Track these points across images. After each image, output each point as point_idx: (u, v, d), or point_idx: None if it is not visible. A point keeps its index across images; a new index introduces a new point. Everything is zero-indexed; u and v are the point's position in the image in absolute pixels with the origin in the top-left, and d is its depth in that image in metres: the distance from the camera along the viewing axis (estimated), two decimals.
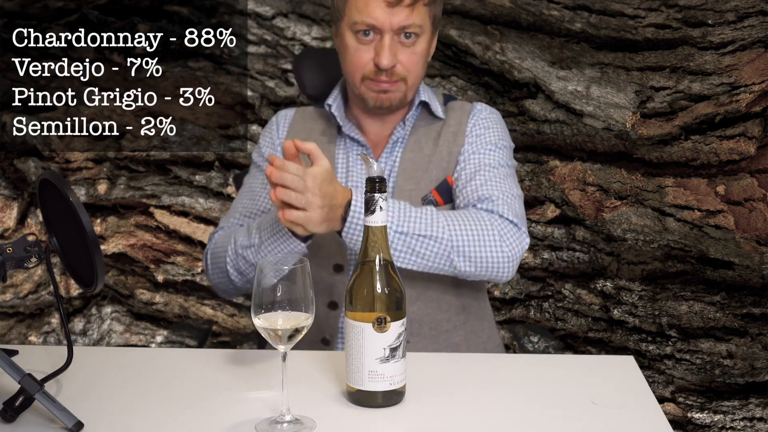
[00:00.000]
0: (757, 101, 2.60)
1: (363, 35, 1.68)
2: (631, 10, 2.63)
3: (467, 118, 1.80)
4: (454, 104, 1.84)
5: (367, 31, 1.67)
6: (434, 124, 1.80)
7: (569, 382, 1.44)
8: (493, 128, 1.80)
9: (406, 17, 1.66)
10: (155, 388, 1.41)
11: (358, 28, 1.68)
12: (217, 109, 2.84)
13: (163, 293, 2.88)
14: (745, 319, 2.66)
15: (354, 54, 1.70)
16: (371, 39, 1.68)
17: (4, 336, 2.91)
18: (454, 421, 1.30)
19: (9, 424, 1.25)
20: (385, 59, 1.66)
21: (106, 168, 2.87)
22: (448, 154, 1.77)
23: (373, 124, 1.80)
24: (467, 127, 1.79)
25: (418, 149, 1.78)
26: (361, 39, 1.68)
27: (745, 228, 2.63)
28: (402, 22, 1.66)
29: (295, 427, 1.25)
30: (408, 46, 1.69)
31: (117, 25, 2.82)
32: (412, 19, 1.66)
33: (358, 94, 1.74)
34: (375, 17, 1.65)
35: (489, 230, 1.62)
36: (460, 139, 1.78)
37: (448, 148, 1.78)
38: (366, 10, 1.66)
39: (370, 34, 1.68)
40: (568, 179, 2.71)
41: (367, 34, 1.68)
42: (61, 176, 1.25)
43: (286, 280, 1.23)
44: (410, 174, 1.76)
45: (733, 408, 2.66)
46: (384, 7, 1.65)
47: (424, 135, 1.79)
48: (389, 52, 1.66)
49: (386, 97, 1.72)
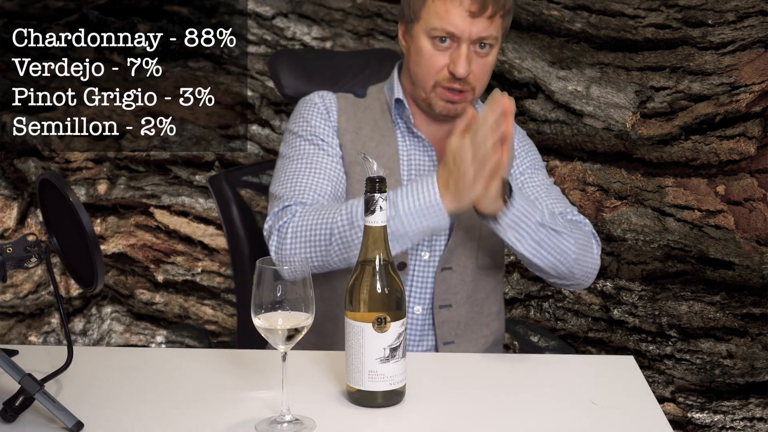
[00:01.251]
0: (757, 101, 2.60)
1: (440, 41, 1.66)
2: (631, 10, 2.63)
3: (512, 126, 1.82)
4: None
5: (444, 38, 1.65)
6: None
7: (569, 382, 1.44)
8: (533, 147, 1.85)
9: (485, 28, 1.65)
10: (155, 388, 1.41)
11: (436, 34, 1.66)
12: (217, 109, 2.84)
13: (163, 293, 2.88)
14: (745, 319, 2.66)
15: (429, 59, 1.68)
16: (447, 46, 1.66)
17: (4, 336, 2.91)
18: (454, 421, 1.30)
19: (9, 424, 1.25)
20: (462, 68, 1.65)
21: (106, 168, 2.87)
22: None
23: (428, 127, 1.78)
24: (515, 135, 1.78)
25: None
26: (438, 45, 1.66)
27: (745, 228, 2.63)
28: (481, 33, 1.65)
29: (295, 427, 1.25)
30: (482, 57, 1.68)
31: (117, 25, 2.82)
32: (490, 31, 1.65)
33: (424, 99, 1.72)
34: (456, 25, 1.64)
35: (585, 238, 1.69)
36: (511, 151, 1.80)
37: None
38: (447, 17, 1.64)
39: (446, 41, 1.66)
40: (568, 179, 2.71)
41: (443, 41, 1.66)
42: (61, 176, 1.25)
43: (286, 280, 1.23)
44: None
45: (733, 408, 2.66)
46: (466, 17, 1.64)
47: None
48: (466, 61, 1.65)
49: (454, 107, 1.70)
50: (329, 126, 1.78)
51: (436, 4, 1.65)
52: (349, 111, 1.81)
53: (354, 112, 1.81)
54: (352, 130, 1.78)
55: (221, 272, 2.87)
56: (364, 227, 1.32)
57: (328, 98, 1.81)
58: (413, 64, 1.72)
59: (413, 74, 1.72)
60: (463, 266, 1.75)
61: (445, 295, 1.74)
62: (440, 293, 1.73)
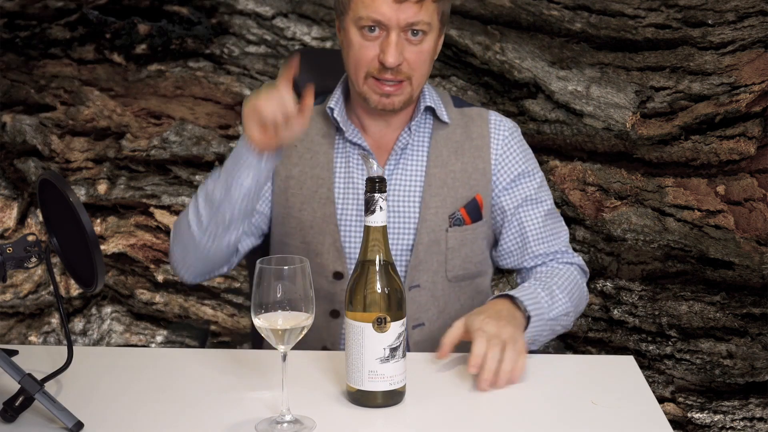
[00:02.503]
0: (757, 101, 2.60)
1: (368, 31, 1.61)
2: (631, 10, 2.64)
3: (489, 131, 1.75)
4: (470, 112, 1.78)
5: (372, 27, 1.60)
6: (450, 133, 1.74)
7: (569, 382, 1.44)
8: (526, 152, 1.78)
9: (414, 14, 1.59)
10: (155, 388, 1.41)
11: (363, 24, 1.60)
12: (217, 109, 2.84)
13: (163, 293, 2.88)
14: (745, 319, 2.66)
15: (358, 50, 1.62)
16: (377, 35, 1.61)
17: (4, 336, 2.91)
18: (454, 421, 1.30)
19: (9, 424, 1.25)
20: (391, 57, 1.59)
21: (106, 168, 2.87)
22: (474, 171, 1.73)
23: (376, 126, 1.73)
24: (491, 142, 1.74)
25: (441, 164, 1.72)
26: (366, 35, 1.61)
27: (745, 228, 2.63)
28: (410, 18, 1.59)
29: (295, 427, 1.25)
30: (415, 44, 1.62)
31: (117, 25, 2.82)
32: (420, 16, 1.59)
33: (360, 93, 1.67)
34: (381, 13, 1.58)
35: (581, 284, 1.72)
36: (486, 154, 1.74)
37: (473, 163, 1.73)
38: (372, 5, 1.58)
39: (375, 30, 1.60)
40: (568, 179, 2.71)
41: (372, 30, 1.60)
42: (61, 176, 1.25)
43: (286, 280, 1.23)
44: (436, 190, 1.71)
45: (733, 408, 2.66)
46: (391, 3, 1.58)
47: (444, 147, 1.73)
48: (395, 50, 1.59)
49: (389, 101, 1.65)
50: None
51: None
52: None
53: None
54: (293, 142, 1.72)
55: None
56: (364, 227, 1.32)
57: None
58: (346, 57, 1.67)
59: (347, 68, 1.68)
60: (431, 282, 1.71)
61: (416, 315, 1.70)
62: (411, 313, 1.69)
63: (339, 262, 1.70)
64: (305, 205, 1.72)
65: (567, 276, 1.69)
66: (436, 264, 1.71)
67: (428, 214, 1.70)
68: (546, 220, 1.75)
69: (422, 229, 1.69)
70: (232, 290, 2.86)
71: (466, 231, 1.72)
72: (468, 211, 1.72)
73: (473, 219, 1.73)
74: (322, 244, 1.70)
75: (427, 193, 1.70)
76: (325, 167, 1.72)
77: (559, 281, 1.66)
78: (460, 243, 1.72)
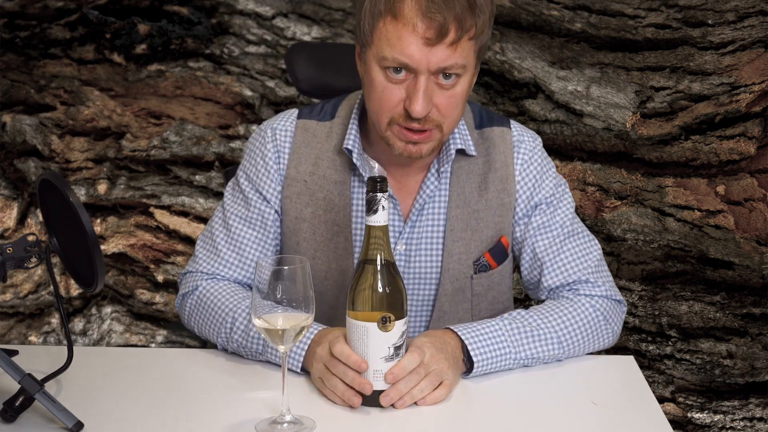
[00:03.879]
0: (757, 101, 2.60)
1: (393, 72, 1.39)
2: (631, 10, 2.63)
3: (512, 157, 1.57)
4: (491, 134, 1.57)
5: (398, 68, 1.39)
6: (473, 165, 1.56)
7: (569, 382, 1.44)
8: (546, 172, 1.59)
9: (447, 57, 1.36)
10: (155, 388, 1.41)
11: (388, 65, 1.39)
12: (217, 109, 2.84)
13: (163, 293, 2.88)
14: (745, 319, 2.65)
15: (381, 93, 1.41)
16: (403, 78, 1.39)
17: (4, 336, 2.91)
18: (454, 421, 1.30)
19: (9, 424, 1.25)
20: (419, 106, 1.37)
21: (106, 168, 2.87)
22: (499, 207, 1.56)
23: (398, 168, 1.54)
24: (515, 170, 1.56)
25: (464, 203, 1.54)
26: (391, 77, 1.39)
27: (745, 228, 2.63)
28: (441, 63, 1.37)
29: (295, 427, 1.25)
30: (446, 89, 1.40)
31: (117, 25, 2.82)
32: (454, 59, 1.37)
33: (382, 137, 1.46)
34: (409, 56, 1.36)
35: (596, 322, 1.49)
36: (510, 186, 1.56)
37: (498, 199, 1.56)
38: (399, 45, 1.36)
39: (401, 72, 1.39)
40: (568, 179, 2.71)
41: (398, 71, 1.39)
42: (61, 176, 1.25)
43: (286, 280, 1.23)
44: (459, 235, 1.54)
45: (733, 408, 2.66)
46: (421, 45, 1.35)
47: (467, 183, 1.55)
48: (423, 98, 1.37)
49: (416, 149, 1.44)
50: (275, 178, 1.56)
51: (387, 28, 1.37)
52: (303, 150, 1.56)
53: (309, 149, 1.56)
54: (301, 177, 1.55)
55: None
56: (365, 227, 1.30)
57: (282, 134, 1.57)
58: (367, 96, 1.46)
59: (368, 108, 1.47)
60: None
61: None
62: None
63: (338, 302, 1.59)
64: (319, 253, 1.56)
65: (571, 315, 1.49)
66: (461, 312, 1.58)
67: (451, 263, 1.55)
68: (563, 245, 1.56)
69: (445, 279, 1.55)
70: None
71: (493, 276, 1.58)
72: (493, 255, 1.57)
73: (498, 262, 1.58)
74: (337, 298, 1.57)
75: (449, 239, 1.54)
76: (342, 212, 1.54)
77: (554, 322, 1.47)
78: (486, 288, 1.59)
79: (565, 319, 1.48)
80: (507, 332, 1.43)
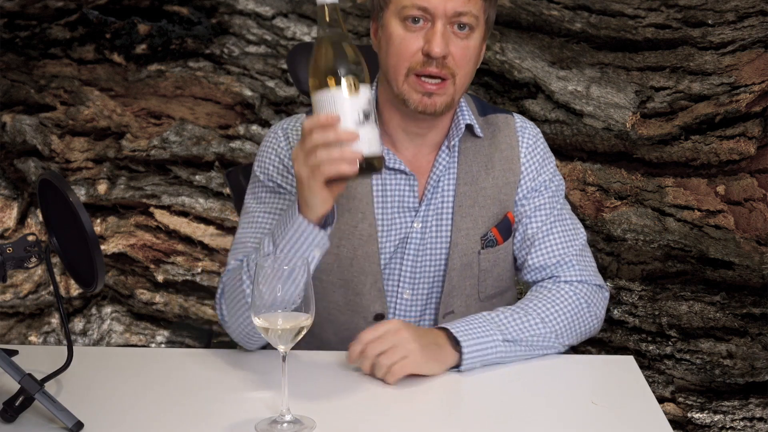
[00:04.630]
0: (757, 101, 2.60)
1: (412, 22, 1.49)
2: (631, 10, 2.64)
3: (517, 140, 1.65)
4: (495, 120, 1.66)
5: (416, 18, 1.48)
6: (479, 146, 1.63)
7: (569, 382, 1.44)
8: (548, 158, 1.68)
9: (463, 3, 1.48)
10: (155, 388, 1.41)
11: (408, 13, 1.48)
12: (217, 109, 2.84)
13: (163, 293, 2.88)
14: (745, 319, 2.66)
15: (400, 43, 1.50)
16: (421, 27, 1.49)
17: (4, 336, 2.91)
18: (454, 421, 1.30)
19: (9, 424, 1.25)
20: (437, 46, 1.47)
21: (106, 168, 2.87)
22: (505, 185, 1.63)
23: (411, 144, 1.60)
24: (520, 152, 1.65)
25: (472, 181, 1.61)
26: (410, 26, 1.49)
27: (745, 228, 2.63)
28: (458, 7, 1.48)
29: (295, 427, 1.25)
30: (461, 38, 1.50)
31: (117, 25, 2.82)
32: (468, 7, 1.48)
33: (398, 94, 1.52)
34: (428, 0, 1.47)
35: (579, 307, 1.55)
36: (516, 166, 1.64)
37: (504, 177, 1.63)
38: None
39: (419, 21, 1.49)
40: (568, 179, 2.71)
41: (416, 21, 1.49)
42: (61, 176, 1.25)
43: (286, 280, 1.23)
44: (467, 211, 1.61)
45: (733, 408, 2.66)
46: None
47: (474, 162, 1.62)
48: (442, 39, 1.47)
49: (431, 102, 1.51)
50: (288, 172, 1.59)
51: None
52: None
53: None
54: None
55: (221, 272, 2.87)
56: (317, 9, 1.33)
57: (293, 133, 1.61)
58: (384, 56, 1.54)
59: (385, 69, 1.55)
60: (465, 306, 1.63)
61: None
62: None
63: (380, 303, 1.61)
64: (344, 241, 1.58)
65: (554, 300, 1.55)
66: (469, 288, 1.63)
67: (459, 237, 1.60)
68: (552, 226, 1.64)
69: (454, 253, 1.60)
70: None
71: (499, 251, 1.64)
72: (500, 230, 1.63)
73: (505, 238, 1.64)
74: (363, 284, 1.59)
75: (457, 215, 1.60)
76: (364, 199, 1.59)
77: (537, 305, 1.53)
78: (492, 264, 1.63)
79: (548, 303, 1.54)
80: (490, 318, 1.49)
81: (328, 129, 1.30)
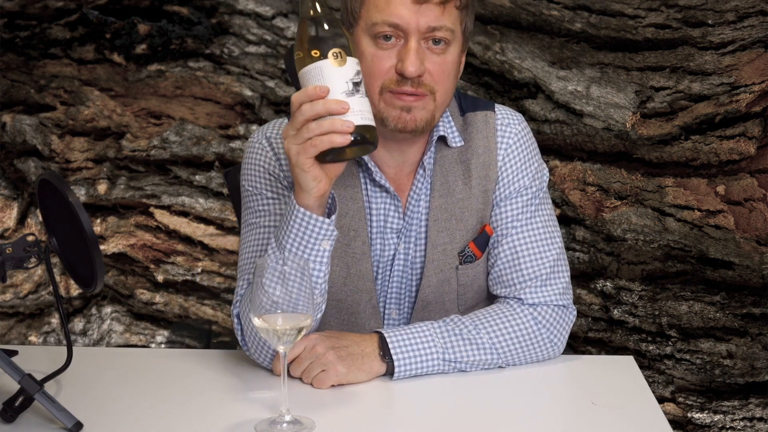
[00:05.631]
0: (757, 101, 2.60)
1: (383, 40, 1.40)
2: (631, 10, 2.63)
3: (495, 142, 1.55)
4: (474, 118, 1.56)
5: (388, 35, 1.39)
6: (456, 153, 1.54)
7: (569, 382, 1.44)
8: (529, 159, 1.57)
9: (436, 18, 1.38)
10: (155, 388, 1.41)
11: (378, 31, 1.39)
12: (217, 109, 2.84)
13: (163, 293, 2.88)
14: (745, 319, 2.66)
15: (371, 62, 1.40)
16: (393, 44, 1.40)
17: (4, 336, 2.91)
18: (454, 421, 1.30)
19: (9, 424, 1.25)
20: (411, 65, 1.37)
21: (106, 168, 2.87)
22: (482, 194, 1.54)
23: (392, 161, 1.52)
24: (498, 156, 1.55)
25: (447, 192, 1.53)
26: (381, 44, 1.40)
27: (745, 228, 2.63)
28: (431, 22, 1.38)
29: (295, 427, 1.25)
30: (437, 54, 1.41)
31: (117, 25, 2.82)
32: (442, 21, 1.39)
33: (375, 114, 1.38)
34: (399, 15, 1.37)
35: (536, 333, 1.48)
36: (493, 173, 1.54)
37: (481, 185, 1.54)
38: (388, 8, 1.38)
39: (391, 38, 1.39)
40: (568, 179, 2.71)
41: (388, 38, 1.39)
42: (61, 176, 1.25)
43: (286, 280, 1.23)
44: (443, 225, 1.53)
45: (733, 408, 2.66)
46: (410, 4, 1.37)
47: (451, 171, 1.53)
48: (416, 57, 1.38)
49: (411, 118, 1.41)
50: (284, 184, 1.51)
51: None
52: None
53: None
54: None
55: (221, 272, 2.87)
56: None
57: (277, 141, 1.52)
58: None
59: None
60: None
61: None
62: None
63: (375, 321, 1.56)
64: (337, 260, 1.52)
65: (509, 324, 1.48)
66: (448, 303, 1.57)
67: (436, 254, 1.54)
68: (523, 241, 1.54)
69: (429, 270, 1.54)
70: (232, 290, 2.86)
71: (478, 266, 1.57)
72: (478, 244, 1.55)
73: (483, 250, 1.56)
74: (357, 303, 1.55)
75: (432, 230, 1.53)
76: (356, 215, 1.52)
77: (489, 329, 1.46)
78: (472, 279, 1.57)
79: (502, 328, 1.47)
80: (436, 334, 1.44)
81: (317, 100, 1.25)
